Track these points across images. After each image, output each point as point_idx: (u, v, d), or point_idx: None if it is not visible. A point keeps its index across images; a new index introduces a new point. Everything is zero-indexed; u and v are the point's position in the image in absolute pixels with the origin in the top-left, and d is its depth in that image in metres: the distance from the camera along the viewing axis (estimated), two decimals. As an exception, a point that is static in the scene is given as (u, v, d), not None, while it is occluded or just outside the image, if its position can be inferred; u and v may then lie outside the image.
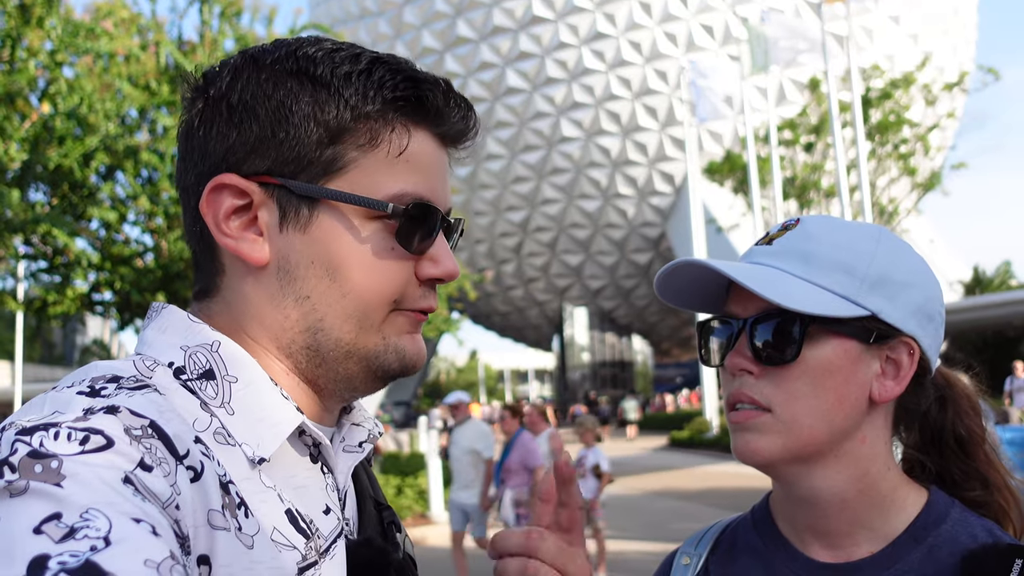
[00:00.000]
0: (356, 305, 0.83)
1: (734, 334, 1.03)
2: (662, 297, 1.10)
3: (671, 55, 42.88)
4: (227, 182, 0.82)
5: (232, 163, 0.83)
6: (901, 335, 1.01)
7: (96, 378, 0.75)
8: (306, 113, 0.81)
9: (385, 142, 0.83)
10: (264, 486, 0.79)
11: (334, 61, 0.83)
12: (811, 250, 1.01)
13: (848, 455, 1.01)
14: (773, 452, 1.00)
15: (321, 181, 0.82)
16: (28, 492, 0.61)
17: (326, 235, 0.82)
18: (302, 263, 0.82)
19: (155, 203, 11.32)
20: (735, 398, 1.02)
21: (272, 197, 0.83)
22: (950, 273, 40.84)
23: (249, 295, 0.84)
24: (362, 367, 0.85)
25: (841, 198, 21.26)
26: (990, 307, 28.05)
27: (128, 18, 11.70)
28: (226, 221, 0.83)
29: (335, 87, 0.82)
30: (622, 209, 47.85)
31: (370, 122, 0.82)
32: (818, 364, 0.99)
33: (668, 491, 16.12)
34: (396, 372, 0.86)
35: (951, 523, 1.01)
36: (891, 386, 1.02)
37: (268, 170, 0.82)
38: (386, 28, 47.89)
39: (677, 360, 66.48)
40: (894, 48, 41.90)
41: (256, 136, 0.82)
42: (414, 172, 0.84)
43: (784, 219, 1.47)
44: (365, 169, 0.82)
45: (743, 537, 1.14)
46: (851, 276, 0.99)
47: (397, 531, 0.97)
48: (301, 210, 0.82)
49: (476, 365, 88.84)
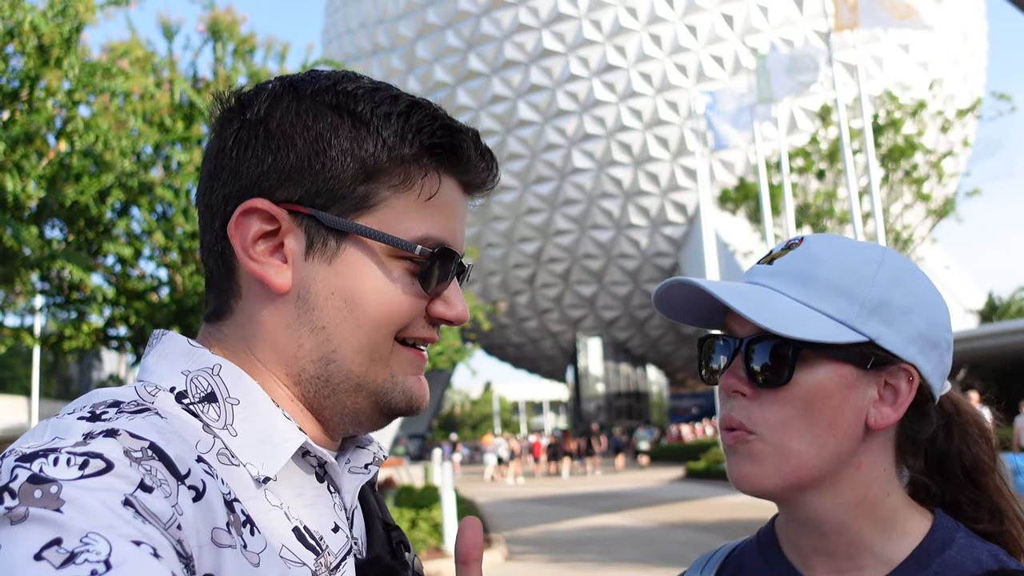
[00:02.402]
0: (369, 337, 0.84)
1: (730, 354, 1.02)
2: (660, 311, 1.10)
3: (682, 86, 43.07)
4: (258, 207, 0.83)
5: (264, 188, 0.83)
6: (900, 361, 0.99)
7: (97, 404, 0.76)
8: (344, 148, 0.83)
9: (417, 185, 0.85)
10: (270, 504, 0.79)
11: (374, 100, 0.85)
12: (811, 272, 0.99)
13: (844, 481, 0.99)
14: (764, 480, 0.98)
15: (351, 216, 0.83)
16: (28, 519, 0.61)
17: (350, 269, 0.83)
18: (322, 293, 0.83)
19: (170, 238, 11.43)
20: (726, 422, 1.02)
21: (300, 226, 0.84)
22: (966, 300, 40.51)
23: (265, 320, 0.85)
24: (370, 402, 0.86)
25: (854, 225, 21.20)
26: (1007, 334, 27.79)
27: (143, 56, 11.89)
28: (253, 245, 0.84)
29: (374, 126, 0.84)
30: (635, 239, 47.84)
31: (405, 164, 0.84)
32: (811, 389, 0.97)
33: (685, 523, 15.94)
34: (402, 410, 0.88)
35: (956, 548, 0.99)
36: (888, 412, 0.99)
37: (300, 199, 0.83)
38: (398, 63, 48.38)
39: (693, 390, 66.03)
40: (904, 76, 41.97)
41: (292, 165, 0.83)
42: (440, 217, 0.86)
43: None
44: (395, 209, 0.84)
45: (748, 561, 1.13)
46: (850, 300, 0.97)
47: (406, 550, 0.96)
48: (329, 241, 0.83)
49: (491, 397, 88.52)
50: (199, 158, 11.21)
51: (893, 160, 29.27)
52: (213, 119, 0.89)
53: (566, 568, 11.32)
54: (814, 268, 1.00)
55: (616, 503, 20.42)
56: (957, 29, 45.65)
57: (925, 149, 29.61)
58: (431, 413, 64.70)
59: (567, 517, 17.83)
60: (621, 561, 11.62)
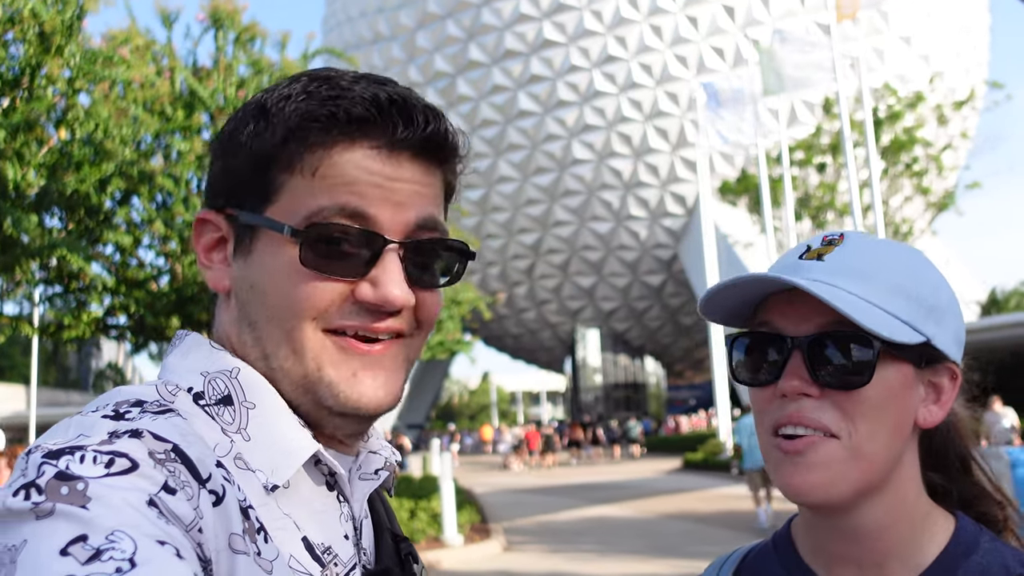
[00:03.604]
0: (281, 328, 0.82)
1: (786, 353, 0.97)
2: (706, 312, 1.04)
3: (682, 77, 42.99)
4: (204, 216, 0.88)
5: (210, 198, 0.88)
6: (947, 360, 0.99)
7: (120, 402, 0.76)
8: (241, 142, 0.84)
9: (299, 163, 0.82)
10: (281, 513, 0.79)
11: (285, 92, 0.83)
12: (868, 270, 0.97)
13: (891, 482, 0.99)
14: (833, 488, 0.94)
15: (262, 209, 0.83)
16: (55, 514, 0.61)
17: (257, 260, 0.84)
18: (243, 289, 0.85)
19: (170, 227, 11.40)
20: (792, 420, 0.95)
21: (232, 228, 0.87)
22: (966, 293, 40.58)
23: (224, 322, 0.89)
24: (310, 399, 0.82)
25: (855, 217, 21.20)
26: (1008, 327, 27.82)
27: (143, 45, 11.84)
28: (207, 253, 0.88)
29: (271, 114, 0.83)
30: (634, 231, 47.82)
31: (289, 144, 0.82)
32: (883, 389, 0.95)
33: (682, 514, 15.98)
34: (336, 411, 0.82)
35: (982, 553, 0.98)
36: (935, 411, 1.00)
37: (226, 202, 0.86)
38: (399, 53, 48.25)
39: (690, 382, 66.11)
40: (905, 68, 41.90)
41: (218, 171, 0.87)
42: (337, 191, 0.81)
43: (798, 238, 1.38)
44: (292, 192, 0.82)
45: (765, 566, 1.11)
46: (910, 300, 0.96)
47: (414, 562, 0.96)
48: (245, 239, 0.85)
49: (488, 387, 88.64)
50: (200, 147, 11.18)
51: (893, 153, 29.26)
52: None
53: (564, 559, 11.35)
54: (869, 266, 0.98)
55: (614, 494, 20.47)
56: (959, 22, 45.55)
57: (925, 142, 29.60)
58: (429, 403, 64.76)
59: (565, 508, 17.87)
60: (619, 552, 11.65)
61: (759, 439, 1.02)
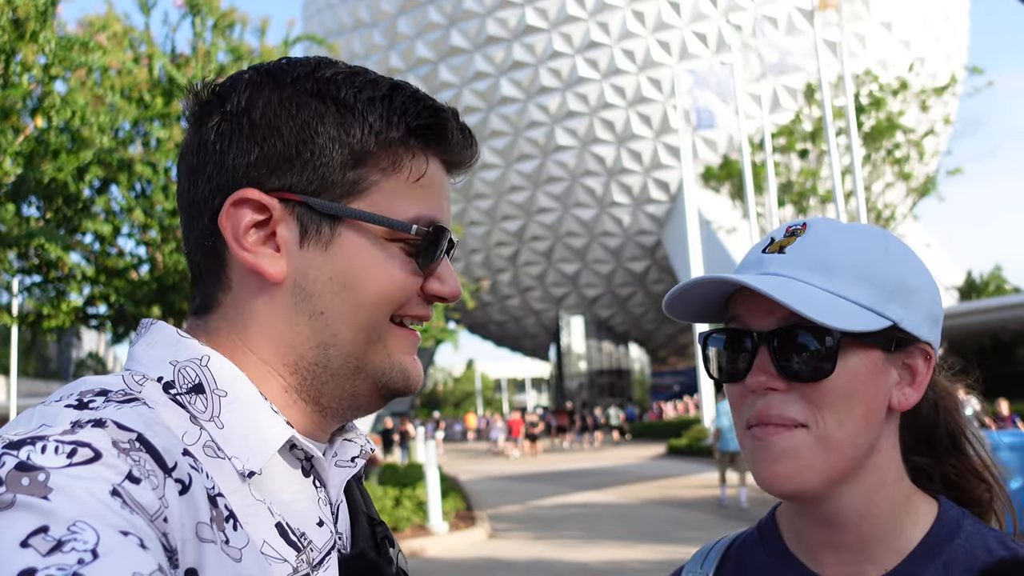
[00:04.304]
0: (367, 317, 0.85)
1: (752, 349, 0.98)
2: (670, 313, 1.06)
3: (665, 63, 43.02)
4: (249, 196, 0.83)
5: (254, 179, 0.84)
6: (918, 342, 0.99)
7: (84, 392, 0.75)
8: (332, 135, 0.84)
9: (406, 167, 0.86)
10: (254, 499, 0.79)
11: (355, 85, 0.85)
12: (829, 259, 0.98)
13: (868, 467, 0.99)
14: (803, 478, 0.95)
15: (343, 201, 0.84)
16: (15, 506, 0.61)
17: (347, 253, 0.84)
18: (320, 280, 0.84)
19: (149, 215, 11.31)
20: (762, 419, 0.97)
21: (292, 214, 0.84)
22: (945, 278, 40.91)
23: (259, 311, 0.85)
24: (369, 384, 0.87)
25: (837, 203, 21.31)
26: (985, 311, 28.12)
27: (120, 31, 11.71)
28: (245, 235, 0.83)
29: (359, 111, 0.84)
30: (618, 217, 47.91)
31: (393, 147, 0.85)
32: (848, 378, 0.95)
33: (667, 499, 16.09)
34: (399, 391, 0.89)
35: (965, 536, 0.99)
36: (910, 393, 1.00)
37: (291, 187, 0.84)
38: (380, 39, 48.00)
39: (674, 368, 66.46)
40: (887, 54, 42.08)
41: (280, 154, 0.83)
42: (428, 196, 0.88)
43: (780, 224, 1.40)
44: (386, 192, 0.85)
45: (750, 554, 1.11)
46: (872, 286, 0.97)
47: (390, 546, 0.96)
48: (323, 228, 0.84)
49: (473, 375, 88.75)
50: (179, 134, 11.06)
51: (875, 139, 29.41)
52: (188, 114, 0.88)
53: (549, 545, 11.40)
54: (831, 255, 0.98)
55: (598, 480, 20.57)
56: (939, 8, 45.77)
57: (906, 128, 29.76)
58: (414, 391, 64.85)
59: (550, 495, 17.95)
60: (604, 538, 11.71)
61: (736, 433, 1.03)
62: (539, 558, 10.54)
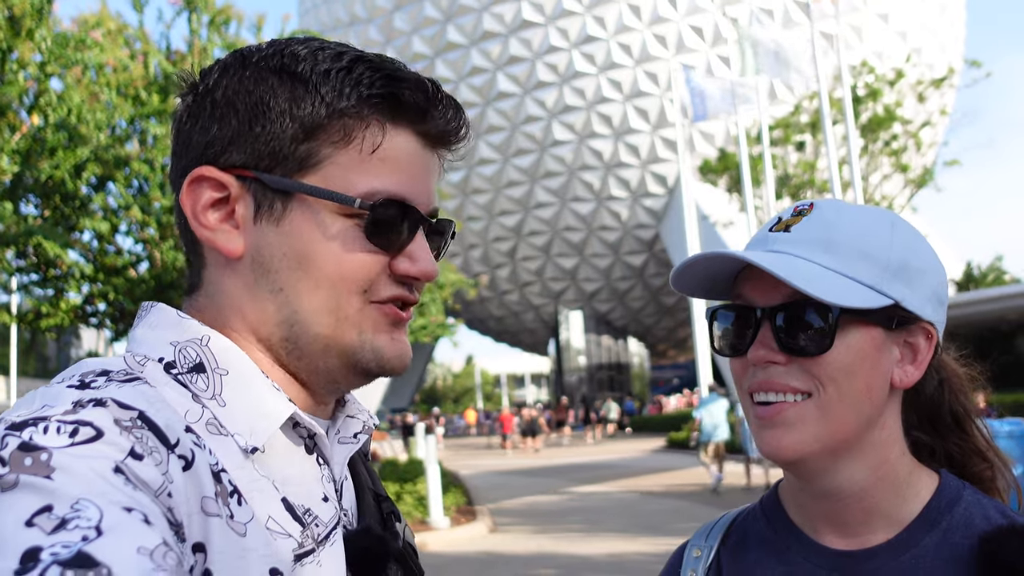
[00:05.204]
0: (328, 296, 0.83)
1: (755, 324, 1.01)
2: (676, 287, 1.08)
3: (661, 57, 42.94)
4: (206, 174, 0.84)
5: (210, 156, 0.84)
6: (920, 321, 1.01)
7: (86, 372, 0.76)
8: (282, 109, 0.83)
9: (358, 139, 0.83)
10: (258, 475, 0.79)
11: (316, 59, 0.84)
12: (832, 238, 1.00)
13: (870, 443, 1.01)
14: (805, 446, 0.97)
15: (296, 176, 0.83)
16: (19, 486, 0.61)
17: (298, 229, 0.83)
18: (275, 256, 0.83)
19: (147, 213, 11.30)
20: (763, 387, 1.00)
21: (248, 190, 0.84)
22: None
23: (228, 288, 0.85)
24: (341, 362, 0.85)
25: (834, 195, 21.28)
26: (984, 302, 28.14)
27: (115, 28, 11.68)
28: (204, 213, 0.84)
29: (312, 83, 0.83)
30: (615, 211, 47.87)
31: (344, 119, 0.83)
32: (847, 353, 0.98)
33: (667, 492, 16.12)
34: (374, 371, 0.86)
35: (964, 505, 1.01)
36: (911, 371, 1.02)
37: (244, 163, 0.83)
38: (376, 35, 47.88)
39: (674, 361, 66.46)
40: (883, 46, 42.05)
41: (235, 130, 0.84)
42: (390, 170, 0.84)
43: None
44: (339, 165, 0.83)
45: (753, 528, 1.14)
46: (874, 265, 0.99)
47: (396, 520, 0.97)
48: (275, 204, 0.83)
49: (472, 370, 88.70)
50: (175, 131, 11.04)
51: (872, 131, 29.39)
52: (178, 98, 0.90)
53: (550, 539, 11.41)
54: (834, 234, 1.00)
55: (599, 474, 20.59)
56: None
57: (903, 120, 29.74)
58: (413, 387, 64.78)
59: (551, 488, 17.97)
60: (605, 531, 11.74)
61: (741, 404, 1.05)
62: (540, 552, 10.56)
